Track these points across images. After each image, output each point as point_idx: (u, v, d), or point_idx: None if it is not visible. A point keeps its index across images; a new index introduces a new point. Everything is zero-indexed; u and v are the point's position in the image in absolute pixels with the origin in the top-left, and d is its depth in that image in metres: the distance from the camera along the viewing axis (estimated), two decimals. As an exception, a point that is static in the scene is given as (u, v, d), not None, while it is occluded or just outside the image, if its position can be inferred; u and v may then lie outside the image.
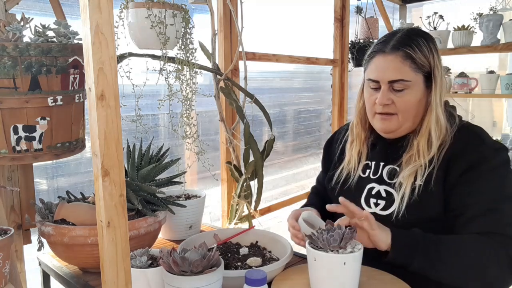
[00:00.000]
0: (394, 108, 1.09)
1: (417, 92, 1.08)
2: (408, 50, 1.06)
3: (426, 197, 1.05)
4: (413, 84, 1.07)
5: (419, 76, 1.07)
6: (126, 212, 0.73)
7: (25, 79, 0.99)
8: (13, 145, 1.02)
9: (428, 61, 1.07)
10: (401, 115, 1.09)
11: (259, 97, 1.67)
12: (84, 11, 0.66)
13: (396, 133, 1.13)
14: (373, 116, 1.14)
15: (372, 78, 1.10)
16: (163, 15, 1.26)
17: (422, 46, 1.07)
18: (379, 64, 1.09)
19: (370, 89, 1.12)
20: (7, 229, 1.01)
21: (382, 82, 1.08)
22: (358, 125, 1.22)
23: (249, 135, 1.62)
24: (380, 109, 1.10)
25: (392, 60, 1.07)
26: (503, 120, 3.37)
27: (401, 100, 1.08)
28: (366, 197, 1.16)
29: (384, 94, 1.08)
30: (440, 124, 1.08)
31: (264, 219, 2.15)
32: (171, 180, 1.35)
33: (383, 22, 2.90)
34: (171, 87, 1.38)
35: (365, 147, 1.21)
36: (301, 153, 2.68)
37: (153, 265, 0.99)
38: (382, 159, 1.17)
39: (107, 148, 0.69)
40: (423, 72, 1.07)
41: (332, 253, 0.91)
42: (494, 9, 2.57)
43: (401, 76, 1.06)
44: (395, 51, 1.07)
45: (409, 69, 1.06)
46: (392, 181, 1.12)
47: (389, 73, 1.07)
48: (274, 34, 2.28)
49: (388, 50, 1.08)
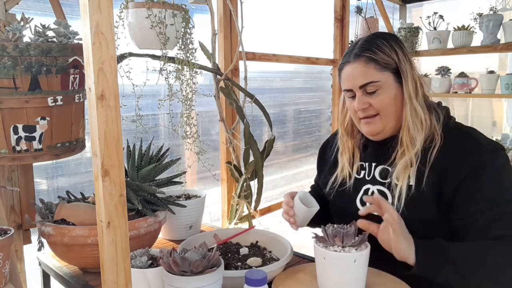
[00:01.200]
0: (373, 110, 1.12)
1: (390, 90, 1.11)
2: (368, 54, 1.10)
3: (419, 197, 1.05)
4: (383, 83, 1.10)
5: (387, 74, 1.10)
6: (126, 212, 0.73)
7: (25, 79, 0.99)
8: (13, 145, 1.02)
9: (391, 58, 1.10)
10: (382, 114, 1.12)
11: (259, 97, 1.67)
12: (84, 11, 0.66)
13: (383, 134, 1.16)
14: (359, 122, 1.18)
15: (345, 88, 1.16)
16: (163, 15, 1.25)
17: (381, 47, 1.11)
18: (347, 74, 1.14)
19: (349, 98, 1.18)
20: (7, 229, 1.01)
21: (355, 89, 1.13)
22: (343, 135, 1.26)
23: (249, 135, 1.62)
24: (361, 114, 1.14)
25: (356, 67, 1.12)
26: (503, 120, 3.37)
27: (376, 101, 1.11)
28: (362, 197, 1.17)
29: (360, 99, 1.12)
30: (420, 116, 1.10)
31: (264, 219, 2.15)
32: (171, 180, 1.35)
33: (383, 22, 2.90)
34: (171, 87, 1.38)
35: (357, 151, 1.24)
36: (301, 153, 2.68)
37: (153, 265, 0.99)
38: (374, 160, 1.19)
39: (107, 148, 0.69)
40: (390, 69, 1.11)
41: (342, 251, 0.92)
42: (494, 9, 2.57)
43: (369, 79, 1.10)
44: (358, 58, 1.12)
45: (374, 70, 1.10)
46: (385, 181, 1.14)
47: (357, 79, 1.11)
48: (274, 34, 2.28)
49: (352, 59, 1.13)
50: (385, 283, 1.00)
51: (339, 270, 0.92)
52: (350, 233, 0.94)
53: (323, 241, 0.96)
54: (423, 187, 1.05)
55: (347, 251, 0.92)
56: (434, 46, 2.84)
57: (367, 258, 0.94)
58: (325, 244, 0.96)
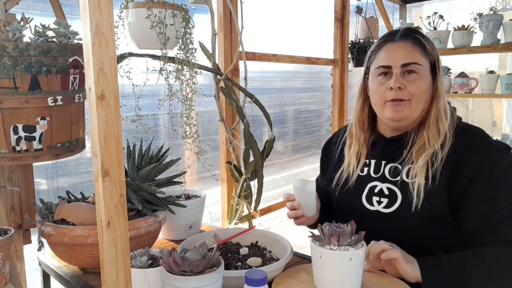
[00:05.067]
0: (406, 94, 1.09)
1: (427, 78, 1.11)
2: (418, 36, 1.11)
3: (432, 193, 1.05)
4: (423, 69, 1.10)
5: (427, 62, 1.11)
6: (126, 212, 0.73)
7: (25, 79, 0.99)
8: (13, 145, 1.02)
9: (433, 51, 1.12)
10: (414, 100, 1.10)
11: (259, 97, 1.67)
12: (84, 11, 0.66)
13: (405, 122, 1.13)
14: (383, 106, 1.13)
15: (383, 64, 1.12)
16: (163, 15, 1.25)
17: (427, 38, 1.13)
18: (390, 50, 1.12)
19: (380, 78, 1.13)
20: (7, 229, 1.01)
21: (395, 67, 1.10)
22: (357, 125, 1.23)
23: (249, 135, 1.62)
24: (393, 95, 1.10)
25: (402, 46, 1.11)
26: (503, 120, 3.37)
27: (413, 85, 1.09)
28: (368, 195, 1.16)
29: (397, 77, 1.09)
30: (446, 111, 1.11)
31: (264, 219, 2.15)
32: (171, 180, 1.35)
33: (383, 22, 2.90)
34: (171, 87, 1.37)
35: (365, 147, 1.22)
36: (301, 153, 2.68)
37: (153, 265, 0.99)
38: (384, 158, 1.17)
39: (107, 148, 0.69)
40: (430, 60, 1.12)
41: (338, 249, 0.92)
42: (494, 9, 2.57)
43: (414, 59, 1.09)
44: (405, 38, 1.12)
45: (419, 54, 1.10)
46: (395, 179, 1.12)
47: (402, 57, 1.10)
48: (274, 34, 2.28)
49: (397, 38, 1.13)
50: (385, 283, 1.00)
51: (335, 268, 0.93)
52: (346, 232, 0.94)
53: (320, 240, 0.97)
54: (436, 184, 1.04)
55: (343, 249, 0.92)
56: (434, 46, 2.84)
57: (363, 256, 0.95)
58: (321, 243, 0.96)
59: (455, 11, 3.07)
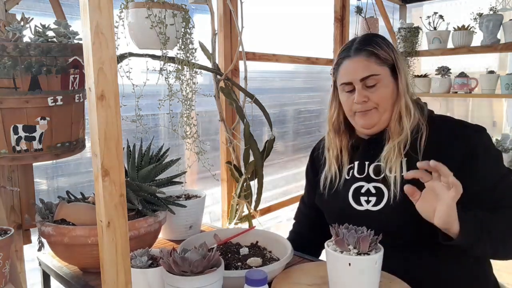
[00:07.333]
0: (371, 104, 1.16)
1: (388, 84, 1.16)
2: (370, 48, 1.15)
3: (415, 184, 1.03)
4: (382, 77, 1.14)
5: (385, 69, 1.15)
6: (126, 212, 0.73)
7: (25, 79, 0.99)
8: (13, 145, 1.02)
9: (389, 55, 1.16)
10: (380, 107, 1.16)
11: (259, 97, 1.67)
12: (84, 11, 0.66)
13: (378, 127, 1.18)
14: (354, 117, 1.20)
15: (345, 81, 1.18)
16: (163, 15, 1.25)
17: (381, 44, 1.16)
18: (348, 67, 1.17)
19: (345, 93, 1.20)
20: (7, 229, 1.01)
21: (355, 82, 1.16)
22: (331, 132, 1.28)
23: (249, 135, 1.62)
24: (359, 107, 1.16)
25: (357, 60, 1.16)
26: (503, 120, 3.36)
27: (375, 95, 1.15)
28: (354, 195, 1.18)
29: (360, 92, 1.15)
30: (410, 109, 1.15)
31: (264, 219, 2.15)
32: (171, 180, 1.35)
33: (383, 22, 2.90)
34: (171, 87, 1.37)
35: (346, 152, 1.25)
36: (301, 153, 2.67)
37: (153, 265, 0.99)
38: (366, 158, 1.20)
39: (107, 148, 0.69)
40: (388, 65, 1.16)
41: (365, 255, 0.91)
42: (494, 9, 2.57)
43: (370, 72, 1.14)
44: (359, 52, 1.16)
45: (375, 64, 1.14)
46: (379, 177, 1.16)
47: (359, 72, 1.15)
48: (274, 34, 2.28)
49: (352, 53, 1.17)
50: (385, 283, 1.00)
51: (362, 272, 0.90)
52: (366, 236, 0.91)
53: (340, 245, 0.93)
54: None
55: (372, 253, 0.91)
56: (434, 46, 2.84)
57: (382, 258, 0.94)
58: (342, 248, 0.92)
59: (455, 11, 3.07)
